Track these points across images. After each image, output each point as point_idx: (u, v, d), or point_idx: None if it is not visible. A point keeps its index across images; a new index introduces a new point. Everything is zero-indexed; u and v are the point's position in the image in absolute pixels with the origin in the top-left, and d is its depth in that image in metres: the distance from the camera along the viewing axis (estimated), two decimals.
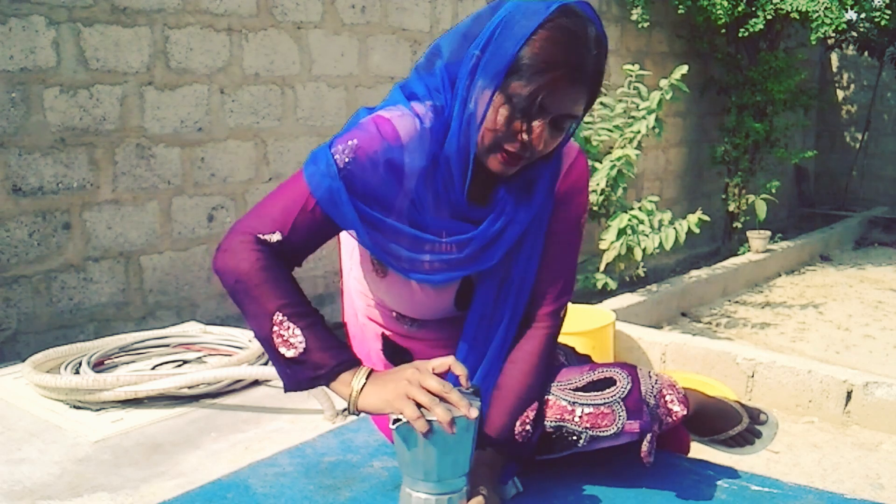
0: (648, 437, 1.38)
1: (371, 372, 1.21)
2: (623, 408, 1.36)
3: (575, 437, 1.37)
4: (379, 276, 1.36)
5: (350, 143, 1.22)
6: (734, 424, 1.61)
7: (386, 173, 1.22)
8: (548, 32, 1.15)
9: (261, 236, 1.21)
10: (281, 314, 1.19)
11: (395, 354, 1.47)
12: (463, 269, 1.31)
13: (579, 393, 1.39)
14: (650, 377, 1.43)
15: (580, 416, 1.36)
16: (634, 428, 1.37)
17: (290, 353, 1.20)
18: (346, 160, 1.20)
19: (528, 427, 1.34)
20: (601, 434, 1.36)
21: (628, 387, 1.38)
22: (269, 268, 1.20)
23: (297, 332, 1.20)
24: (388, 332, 1.46)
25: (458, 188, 1.26)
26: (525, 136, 1.19)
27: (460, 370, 1.17)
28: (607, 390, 1.39)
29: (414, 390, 1.12)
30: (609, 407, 1.36)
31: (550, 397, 1.39)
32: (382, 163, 1.21)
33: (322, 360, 1.20)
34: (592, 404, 1.37)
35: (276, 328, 1.20)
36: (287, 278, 1.23)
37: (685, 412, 1.44)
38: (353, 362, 1.23)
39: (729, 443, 1.62)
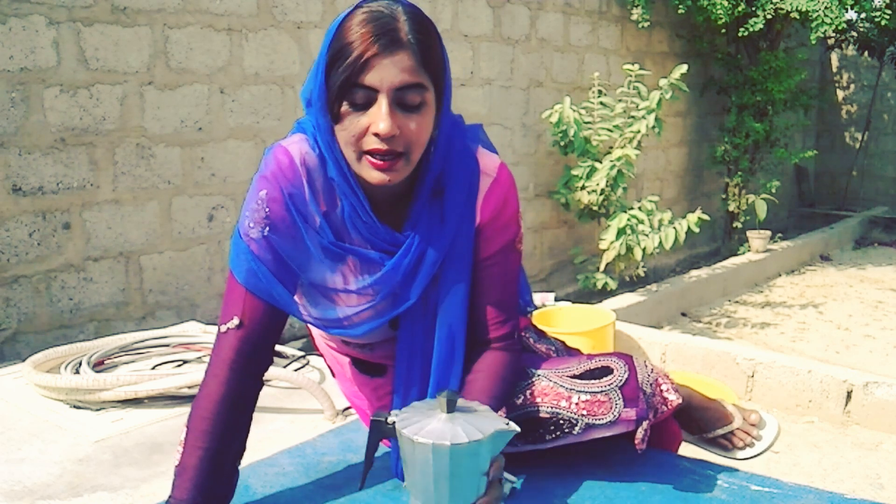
0: (644, 424, 1.38)
1: None
2: (620, 396, 1.37)
3: (570, 424, 1.36)
4: None
5: (260, 200, 1.24)
6: (724, 423, 1.59)
7: (295, 206, 1.25)
8: (346, 23, 1.16)
9: (222, 328, 1.25)
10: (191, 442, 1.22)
11: (369, 367, 1.48)
12: (384, 314, 1.30)
13: (576, 380, 1.39)
14: (646, 366, 1.44)
15: (576, 403, 1.36)
16: (631, 416, 1.36)
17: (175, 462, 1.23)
18: (263, 224, 1.23)
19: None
20: (597, 422, 1.36)
21: (625, 375, 1.39)
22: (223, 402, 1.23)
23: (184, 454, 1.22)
24: (350, 355, 1.47)
25: (361, 212, 1.25)
26: (373, 126, 1.14)
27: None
28: (604, 378, 1.39)
29: None
30: (606, 395, 1.36)
31: (548, 383, 1.38)
32: (288, 196, 1.24)
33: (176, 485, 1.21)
34: (589, 392, 1.37)
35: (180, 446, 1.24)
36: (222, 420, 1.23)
37: (680, 401, 1.45)
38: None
39: (721, 442, 1.60)
